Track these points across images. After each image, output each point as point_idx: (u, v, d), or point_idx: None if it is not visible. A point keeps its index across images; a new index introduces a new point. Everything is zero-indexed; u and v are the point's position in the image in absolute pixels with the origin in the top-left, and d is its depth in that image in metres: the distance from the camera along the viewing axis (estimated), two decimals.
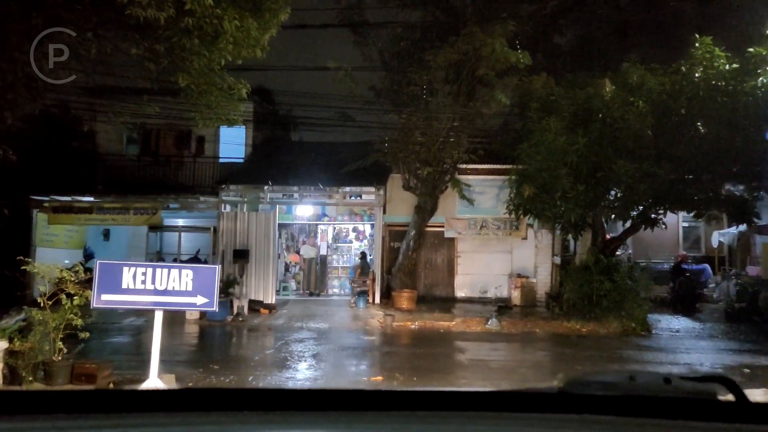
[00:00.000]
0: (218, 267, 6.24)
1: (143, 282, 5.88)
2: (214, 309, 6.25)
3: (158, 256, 18.11)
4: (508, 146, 15.46)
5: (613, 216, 14.91)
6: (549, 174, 13.22)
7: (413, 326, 14.40)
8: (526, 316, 15.75)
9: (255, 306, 15.46)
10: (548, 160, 13.11)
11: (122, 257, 18.18)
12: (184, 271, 6.01)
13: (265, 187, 16.27)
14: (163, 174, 18.77)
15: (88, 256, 17.70)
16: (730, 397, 1.28)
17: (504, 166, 17.20)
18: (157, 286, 5.91)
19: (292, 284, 19.57)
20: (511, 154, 15.18)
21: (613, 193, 14.38)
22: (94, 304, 5.80)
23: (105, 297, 5.84)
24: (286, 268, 20.32)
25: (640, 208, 14.18)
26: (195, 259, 17.19)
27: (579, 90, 13.57)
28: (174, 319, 14.38)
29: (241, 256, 14.88)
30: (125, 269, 5.89)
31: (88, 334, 6.53)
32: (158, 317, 6.00)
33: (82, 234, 18.52)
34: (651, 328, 13.79)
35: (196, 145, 19.41)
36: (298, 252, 19.72)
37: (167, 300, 5.97)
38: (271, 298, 15.79)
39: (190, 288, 5.99)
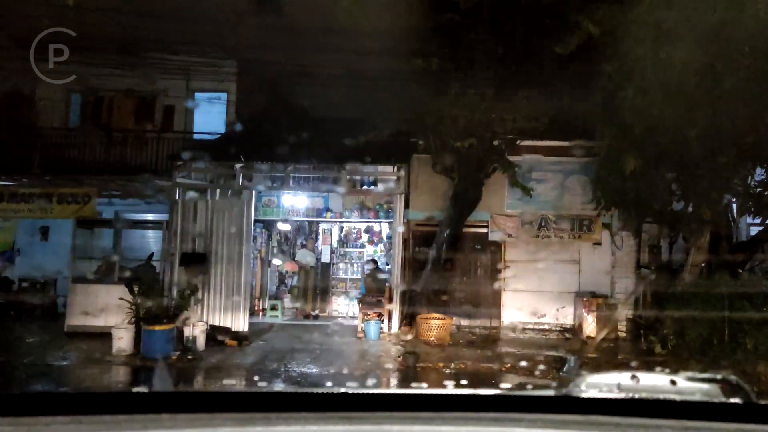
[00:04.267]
0: None
1: None
2: None
3: (106, 264, 13.26)
4: (585, 112, 10.52)
5: (752, 208, 9.80)
6: (669, 137, 8.27)
7: (447, 371, 9.56)
8: (614, 356, 10.77)
9: (220, 334, 10.74)
10: (669, 113, 8.17)
11: (64, 262, 13.62)
12: None
13: (237, 166, 11.54)
14: (118, 153, 14.23)
15: (8, 260, 13.21)
16: (737, 398, 1.31)
17: (574, 143, 12.33)
18: None
19: (287, 301, 14.86)
20: (590, 123, 10.32)
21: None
22: None
23: None
24: (281, 280, 15.66)
25: None
26: (147, 266, 12.54)
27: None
28: (92, 354, 9.77)
29: (195, 262, 10.18)
30: None
31: None
32: None
33: (8, 232, 14.03)
34: None
35: (162, 116, 14.85)
36: (294, 258, 15.02)
37: None
38: (242, 324, 11.06)
39: None
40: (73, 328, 11.08)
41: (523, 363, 10.00)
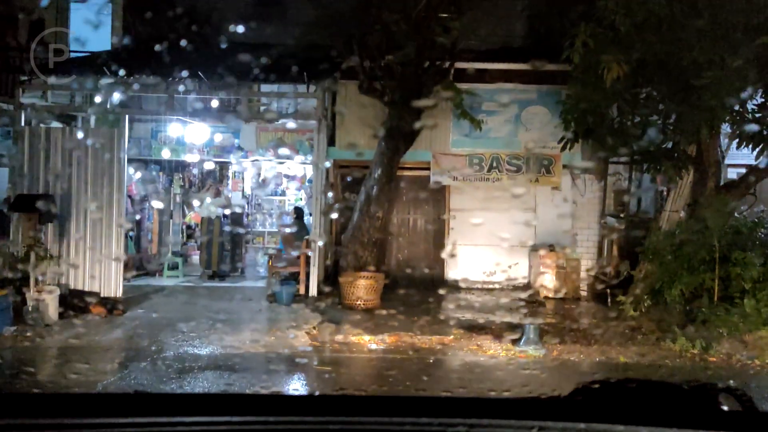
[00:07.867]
0: None
1: None
2: None
3: None
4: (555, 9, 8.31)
5: (752, 138, 7.82)
6: (664, 34, 6.13)
7: (373, 346, 7.44)
8: (578, 322, 8.90)
9: (82, 301, 8.26)
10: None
11: None
12: None
13: (106, 82, 8.84)
14: None
15: None
16: (738, 406, 1.22)
17: (535, 64, 10.18)
18: None
19: (195, 259, 12.48)
20: (558, 29, 8.14)
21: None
22: None
23: None
24: (190, 235, 13.19)
25: None
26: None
27: None
28: None
29: (34, 206, 7.55)
30: None
31: None
32: None
33: None
34: None
35: (27, 30, 11.84)
36: (195, 207, 12.52)
37: None
38: (115, 287, 8.61)
39: None
40: None
41: (470, 332, 8.00)
